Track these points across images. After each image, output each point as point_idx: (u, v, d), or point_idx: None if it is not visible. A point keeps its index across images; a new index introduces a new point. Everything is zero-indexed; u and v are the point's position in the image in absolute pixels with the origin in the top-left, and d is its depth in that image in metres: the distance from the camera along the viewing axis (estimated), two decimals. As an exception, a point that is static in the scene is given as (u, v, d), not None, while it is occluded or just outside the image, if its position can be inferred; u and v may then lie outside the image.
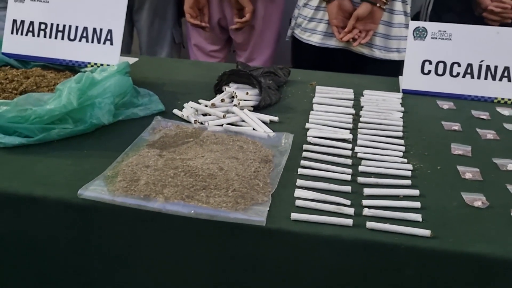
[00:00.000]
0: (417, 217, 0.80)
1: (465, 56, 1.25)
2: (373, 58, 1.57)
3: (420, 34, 1.26)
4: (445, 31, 1.25)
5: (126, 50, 2.05)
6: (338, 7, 1.50)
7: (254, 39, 1.89)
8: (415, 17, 1.80)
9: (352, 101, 1.21)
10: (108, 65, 1.19)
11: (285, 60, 1.89)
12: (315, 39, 1.62)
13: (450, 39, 1.25)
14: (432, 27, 1.26)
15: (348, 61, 1.64)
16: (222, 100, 1.12)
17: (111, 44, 1.21)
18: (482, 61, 1.24)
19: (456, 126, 1.12)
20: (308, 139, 1.02)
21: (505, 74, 1.24)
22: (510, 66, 1.23)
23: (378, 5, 1.45)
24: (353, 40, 1.51)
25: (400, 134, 1.06)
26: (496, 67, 1.24)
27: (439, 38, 1.26)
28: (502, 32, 1.24)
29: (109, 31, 1.20)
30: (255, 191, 0.84)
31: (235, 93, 1.13)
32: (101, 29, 1.21)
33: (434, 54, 1.26)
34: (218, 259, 0.81)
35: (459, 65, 1.25)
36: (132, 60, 1.39)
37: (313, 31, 1.61)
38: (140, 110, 1.10)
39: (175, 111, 1.12)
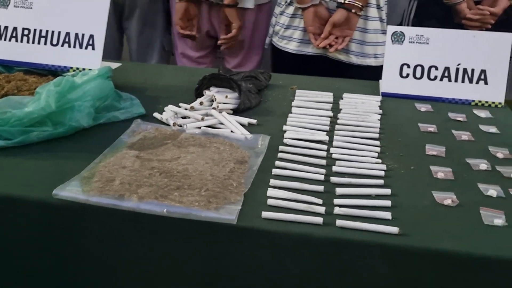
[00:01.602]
0: (387, 215, 0.82)
1: (442, 60, 1.27)
2: (350, 64, 1.60)
3: (398, 38, 1.29)
4: (422, 35, 1.28)
5: (116, 57, 2.07)
6: (314, 14, 1.53)
7: (244, 48, 1.92)
8: (399, 25, 1.82)
9: (331, 104, 1.23)
10: (90, 69, 1.21)
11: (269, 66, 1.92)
12: (291, 46, 1.64)
13: (428, 43, 1.28)
14: (409, 31, 1.28)
15: (326, 68, 1.66)
16: (201, 103, 1.13)
17: (93, 49, 1.23)
18: (459, 64, 1.27)
19: (432, 128, 1.14)
20: (285, 140, 1.04)
21: (482, 77, 1.26)
22: (487, 69, 1.26)
23: (353, 11, 1.48)
24: (330, 46, 1.53)
25: (377, 135, 1.08)
26: (473, 70, 1.26)
27: (417, 42, 1.28)
28: (478, 36, 1.26)
29: (91, 36, 1.22)
30: (228, 191, 0.85)
31: (214, 96, 1.14)
32: (83, 34, 1.23)
33: (412, 58, 1.28)
34: (191, 257, 0.82)
35: (436, 68, 1.27)
36: (114, 65, 1.41)
37: (289, 38, 1.63)
38: (121, 113, 1.12)
39: (155, 114, 1.14)
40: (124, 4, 1.96)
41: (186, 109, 1.14)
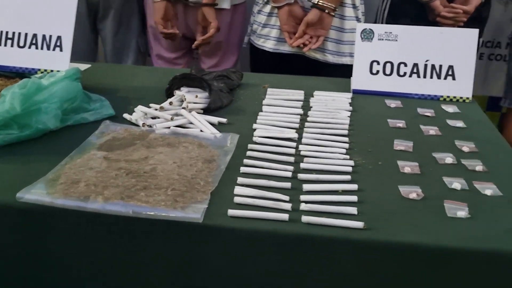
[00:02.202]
0: (353, 210, 0.82)
1: (411, 56, 1.29)
2: (326, 63, 1.61)
3: (367, 35, 1.30)
4: (391, 32, 1.29)
5: (91, 58, 2.05)
6: (288, 13, 1.53)
7: (221, 49, 1.92)
8: (374, 23, 1.84)
9: (302, 102, 1.23)
10: (58, 71, 1.19)
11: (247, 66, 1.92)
12: (268, 45, 1.64)
13: (396, 40, 1.29)
14: (378, 28, 1.30)
15: (303, 67, 1.67)
16: (171, 103, 1.13)
17: (61, 50, 1.21)
18: (427, 60, 1.28)
19: (401, 124, 1.15)
20: (254, 138, 1.04)
21: (450, 72, 1.28)
22: (454, 65, 1.28)
23: (326, 11, 1.49)
24: (304, 45, 1.54)
25: (346, 132, 1.09)
26: (440, 66, 1.28)
27: (386, 39, 1.29)
28: (445, 32, 1.28)
29: (59, 38, 1.21)
30: (195, 190, 0.85)
31: (184, 96, 1.14)
32: (50, 36, 1.21)
33: (382, 55, 1.30)
34: (158, 257, 0.82)
35: (405, 65, 1.29)
36: (84, 66, 1.40)
37: (266, 37, 1.64)
38: (90, 115, 1.11)
39: (125, 115, 1.13)
40: (98, 5, 1.94)
41: (156, 109, 1.13)
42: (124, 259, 0.83)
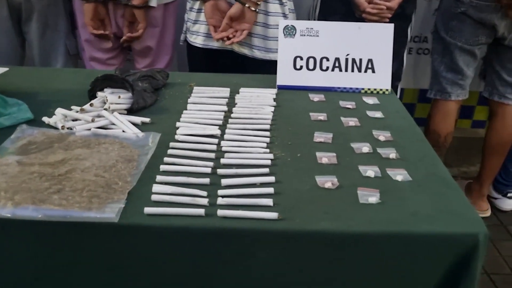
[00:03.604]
0: (269, 201, 0.84)
1: (332, 51, 1.32)
2: (255, 59, 1.63)
3: (289, 32, 1.33)
4: (312, 28, 1.32)
5: (17, 62, 1.98)
6: (213, 6, 1.54)
7: (154, 47, 1.90)
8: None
9: (227, 99, 1.24)
10: (-28, 76, 1.15)
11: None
12: (199, 41, 1.65)
13: (318, 36, 1.32)
14: (300, 25, 1.33)
15: (233, 62, 1.68)
16: (91, 105, 1.11)
17: (-27, 54, 1.17)
18: (348, 54, 1.33)
19: (322, 116, 1.18)
20: (176, 137, 1.04)
21: (369, 66, 1.32)
22: (373, 58, 1.32)
23: (247, 5, 1.51)
24: (228, 39, 1.55)
25: (268, 126, 1.11)
26: (360, 60, 1.32)
27: (308, 35, 1.33)
28: (363, 27, 1.33)
29: (-29, 41, 1.17)
30: (113, 190, 0.85)
31: (106, 97, 1.13)
32: (-39, 39, 1.17)
33: (304, 50, 1.33)
34: (73, 260, 0.81)
35: (327, 59, 1.33)
36: (0, 70, 1.35)
37: (197, 33, 1.65)
38: (5, 119, 1.07)
39: (44, 118, 1.10)
40: (20, 8, 1.88)
41: (76, 111, 1.11)
42: (35, 264, 0.81)
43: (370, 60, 1.32)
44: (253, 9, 1.51)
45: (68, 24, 2.01)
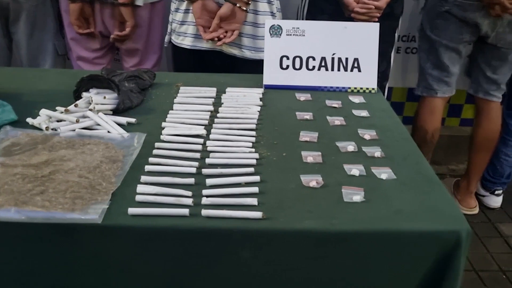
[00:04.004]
0: (253, 201, 0.84)
1: (318, 50, 1.33)
2: (244, 59, 1.62)
3: (275, 31, 1.33)
4: (298, 28, 1.33)
5: (5, 63, 1.97)
6: (202, 7, 1.54)
7: (142, 47, 1.90)
8: None
9: (213, 99, 1.24)
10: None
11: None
12: (187, 42, 1.64)
13: (304, 35, 1.33)
14: (286, 24, 1.33)
15: (222, 63, 1.67)
16: (76, 105, 1.11)
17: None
18: (334, 54, 1.33)
19: (308, 116, 1.19)
20: (162, 137, 1.04)
21: (355, 65, 1.33)
22: (359, 57, 1.33)
23: (238, 5, 1.50)
24: (218, 39, 1.55)
25: (253, 126, 1.11)
26: (346, 59, 1.33)
27: (294, 35, 1.33)
28: (349, 27, 1.33)
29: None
30: (97, 191, 0.84)
31: (91, 98, 1.12)
32: None
33: (291, 50, 1.33)
34: (59, 260, 0.80)
35: (313, 59, 1.33)
36: (-15, 71, 1.34)
37: (184, 34, 1.64)
38: (-11, 121, 1.07)
39: (29, 119, 1.10)
40: (8, 8, 1.86)
41: (61, 112, 1.11)
42: (19, 265, 0.81)
43: (356, 59, 1.33)
44: (244, 8, 1.50)
45: (56, 24, 2.00)
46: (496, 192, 2.24)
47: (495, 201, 2.26)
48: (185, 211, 0.81)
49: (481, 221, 2.19)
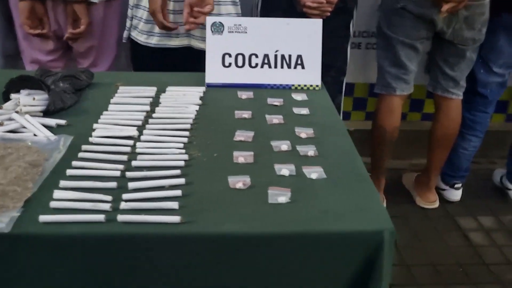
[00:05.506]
0: (174, 205, 0.82)
1: (261, 47, 1.30)
2: None
3: (217, 29, 1.30)
4: (240, 25, 1.30)
5: None
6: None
7: (96, 46, 1.84)
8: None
9: (151, 99, 1.21)
10: None
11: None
12: (153, 41, 1.59)
13: (246, 32, 1.30)
14: (228, 21, 1.30)
15: (192, 59, 1.62)
16: (1, 108, 1.07)
17: None
18: (277, 51, 1.31)
19: (246, 114, 1.16)
20: (90, 139, 1.01)
21: (299, 61, 1.31)
22: (303, 54, 1.31)
23: None
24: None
25: (188, 126, 1.08)
26: (290, 56, 1.31)
27: (236, 32, 1.30)
28: (291, 23, 1.31)
29: None
30: (9, 198, 0.81)
31: (19, 99, 1.08)
32: None
33: (233, 47, 1.30)
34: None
35: (256, 56, 1.31)
36: None
37: (150, 33, 1.58)
38: None
39: (-51, 124, 1.05)
40: None
41: (-13, 115, 1.06)
42: None
43: (299, 56, 1.31)
44: None
45: (4, 24, 1.94)
46: (456, 185, 2.26)
47: (455, 194, 2.27)
48: (101, 217, 0.78)
49: (441, 215, 2.20)
